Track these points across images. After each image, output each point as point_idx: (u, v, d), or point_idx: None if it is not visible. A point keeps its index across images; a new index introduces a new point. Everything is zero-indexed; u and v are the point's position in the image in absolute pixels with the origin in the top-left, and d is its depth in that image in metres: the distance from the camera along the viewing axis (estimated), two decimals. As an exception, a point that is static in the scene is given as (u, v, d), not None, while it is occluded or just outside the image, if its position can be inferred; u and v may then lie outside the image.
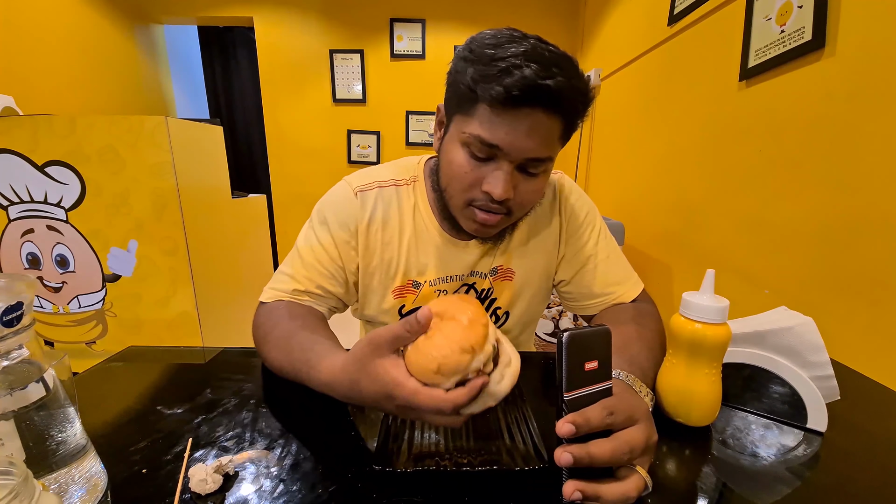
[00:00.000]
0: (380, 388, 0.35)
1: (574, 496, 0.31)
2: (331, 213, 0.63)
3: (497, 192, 0.50)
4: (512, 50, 0.45)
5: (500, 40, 0.47)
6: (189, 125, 1.42)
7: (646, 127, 1.87)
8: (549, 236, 0.67)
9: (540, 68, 0.44)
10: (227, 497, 0.34)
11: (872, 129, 0.85)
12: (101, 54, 2.60)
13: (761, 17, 1.12)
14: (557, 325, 1.95)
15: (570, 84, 0.46)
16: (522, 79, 0.44)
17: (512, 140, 0.48)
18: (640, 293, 0.65)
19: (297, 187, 3.13)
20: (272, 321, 0.56)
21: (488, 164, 0.51)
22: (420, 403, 0.33)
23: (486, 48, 0.47)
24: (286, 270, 0.62)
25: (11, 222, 1.37)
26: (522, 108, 0.46)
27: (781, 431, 0.45)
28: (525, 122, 0.47)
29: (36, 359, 0.31)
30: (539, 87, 0.44)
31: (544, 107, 0.46)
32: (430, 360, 0.33)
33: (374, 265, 0.64)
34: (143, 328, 1.47)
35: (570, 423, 0.30)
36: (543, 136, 0.48)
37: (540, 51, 0.45)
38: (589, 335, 0.32)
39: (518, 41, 0.46)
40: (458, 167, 0.53)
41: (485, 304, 0.69)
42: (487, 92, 0.46)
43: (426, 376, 0.33)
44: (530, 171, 0.52)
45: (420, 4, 2.86)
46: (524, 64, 0.44)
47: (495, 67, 0.45)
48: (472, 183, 0.52)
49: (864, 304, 0.86)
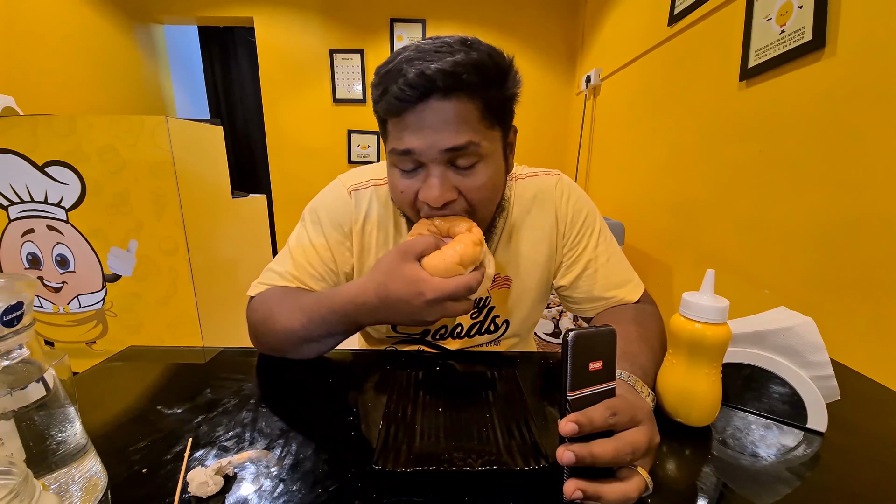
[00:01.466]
0: (410, 286, 0.43)
1: (575, 495, 0.31)
2: (324, 214, 0.62)
3: (431, 197, 0.49)
4: (396, 59, 0.46)
5: (392, 56, 0.48)
6: (189, 125, 1.42)
7: (646, 127, 1.87)
8: (546, 242, 0.65)
9: (418, 62, 0.45)
10: (227, 497, 0.34)
11: (872, 129, 0.85)
12: (101, 54, 2.60)
13: (761, 18, 1.12)
14: (557, 325, 1.95)
15: (456, 61, 0.44)
16: (404, 80, 0.45)
17: (419, 139, 0.47)
18: (642, 294, 0.65)
19: (298, 187, 3.13)
20: (271, 301, 0.57)
21: (418, 174, 0.50)
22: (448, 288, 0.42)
23: (381, 68, 0.48)
24: (275, 268, 0.62)
25: (12, 222, 1.37)
26: (416, 106, 0.46)
27: (781, 431, 0.45)
28: (424, 117, 0.46)
29: (36, 359, 0.31)
30: (418, 81, 0.44)
31: (437, 94, 0.45)
32: (454, 255, 0.44)
33: (370, 265, 0.63)
34: (143, 328, 1.47)
35: (574, 423, 0.30)
36: (452, 123, 0.46)
37: (423, 47, 0.46)
38: (594, 335, 0.31)
39: (406, 49, 0.47)
40: (394, 189, 0.54)
41: (482, 314, 0.68)
42: (384, 108, 0.48)
43: (451, 269, 0.44)
44: (460, 165, 0.49)
45: (420, 4, 2.86)
46: (405, 67, 0.45)
47: (384, 82, 0.47)
48: (413, 198, 0.52)
49: (864, 304, 0.86)
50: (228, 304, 1.66)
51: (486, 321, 0.68)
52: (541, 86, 2.97)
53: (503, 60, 0.49)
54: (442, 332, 0.68)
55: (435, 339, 0.68)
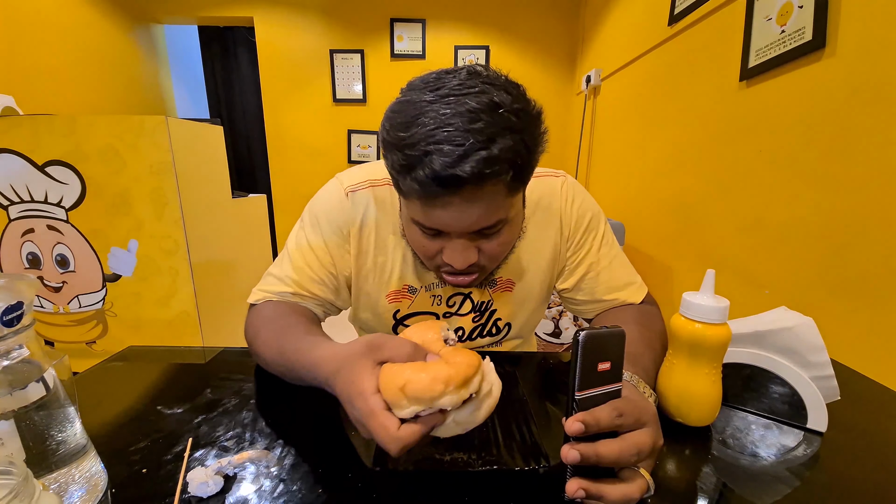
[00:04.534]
0: (349, 390, 0.34)
1: (577, 494, 0.31)
2: (323, 216, 0.61)
3: (458, 264, 0.49)
4: (421, 131, 0.41)
5: (410, 115, 0.42)
6: (189, 125, 1.42)
7: (646, 127, 1.87)
8: (549, 246, 0.64)
9: (451, 150, 0.39)
10: (227, 497, 0.34)
11: (872, 129, 0.85)
12: (101, 54, 2.60)
13: (762, 17, 1.12)
14: (558, 325, 1.95)
15: (491, 156, 0.40)
16: (432, 172, 0.40)
17: (449, 222, 0.46)
18: (645, 296, 0.64)
19: (298, 187, 3.13)
20: (261, 320, 0.56)
21: (441, 237, 0.50)
22: (369, 425, 0.31)
23: (398, 130, 0.43)
24: (275, 272, 0.61)
25: (12, 222, 1.37)
26: (444, 196, 0.43)
27: (781, 431, 0.45)
28: (456, 205, 0.44)
29: (36, 359, 0.31)
30: (450, 178, 0.40)
31: (475, 183, 0.41)
32: (399, 377, 0.31)
33: (368, 268, 0.62)
34: (143, 328, 1.47)
35: (580, 422, 0.30)
36: (482, 209, 0.45)
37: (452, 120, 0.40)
38: (605, 336, 0.31)
39: (427, 110, 0.41)
40: (416, 243, 0.53)
41: (484, 317, 0.67)
42: (408, 187, 0.43)
43: (390, 392, 0.31)
44: (487, 234, 0.49)
45: (420, 4, 2.86)
46: (434, 149, 0.40)
47: (409, 157, 0.41)
48: (434, 254, 0.52)
49: (864, 304, 0.86)
50: (228, 304, 1.66)
51: (489, 324, 0.67)
52: (541, 86, 2.96)
53: (537, 129, 0.44)
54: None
55: None
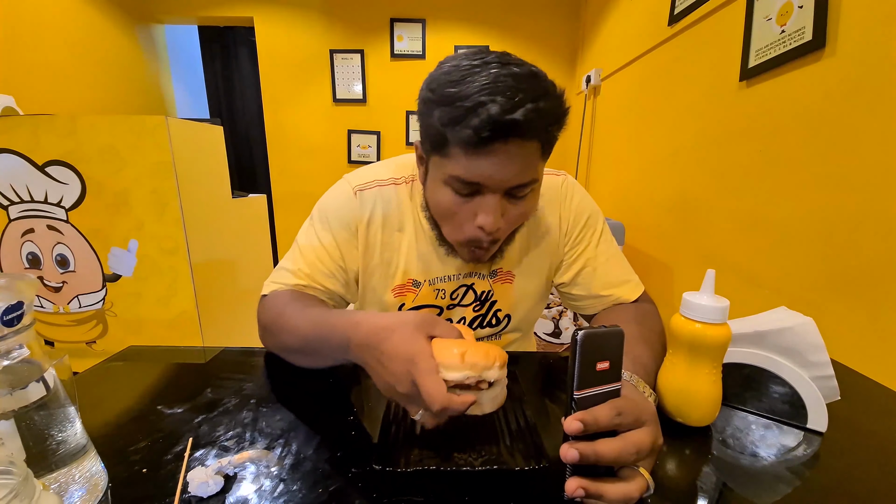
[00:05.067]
0: (410, 349, 0.36)
1: (577, 493, 0.31)
2: (332, 213, 0.63)
3: (488, 226, 0.51)
4: (474, 85, 0.44)
5: (460, 75, 0.46)
6: (189, 125, 1.42)
7: (646, 127, 1.87)
8: (549, 240, 0.67)
9: (505, 101, 0.43)
10: (227, 497, 0.34)
11: (872, 129, 0.84)
12: (101, 54, 2.60)
13: (762, 17, 1.12)
14: (557, 324, 1.95)
15: (539, 108, 0.45)
16: (489, 118, 0.43)
17: (491, 175, 0.48)
18: (641, 294, 0.65)
19: (298, 187, 3.13)
20: (282, 303, 0.57)
21: (474, 199, 0.51)
22: (424, 382, 0.34)
23: (448, 87, 0.46)
24: (287, 266, 0.62)
25: (12, 222, 1.37)
26: (495, 143, 0.46)
27: (781, 431, 0.45)
28: (501, 155, 0.47)
29: (36, 358, 0.31)
30: (507, 123, 0.44)
31: (520, 137, 0.46)
32: (459, 345, 0.37)
33: (374, 264, 0.64)
34: (143, 328, 1.47)
35: (579, 421, 0.31)
36: (522, 164, 0.49)
37: (502, 78, 0.44)
38: (604, 335, 0.31)
39: (477, 71, 0.45)
40: (445, 208, 0.54)
41: (485, 307, 0.69)
42: (457, 135, 0.46)
43: (448, 356, 0.36)
44: (517, 196, 0.52)
45: (420, 4, 2.86)
46: (489, 100, 0.43)
47: (460, 108, 0.45)
48: (463, 219, 0.53)
49: (864, 304, 0.86)
50: (228, 304, 1.66)
51: (489, 315, 0.69)
52: (541, 86, 2.96)
53: (564, 105, 0.49)
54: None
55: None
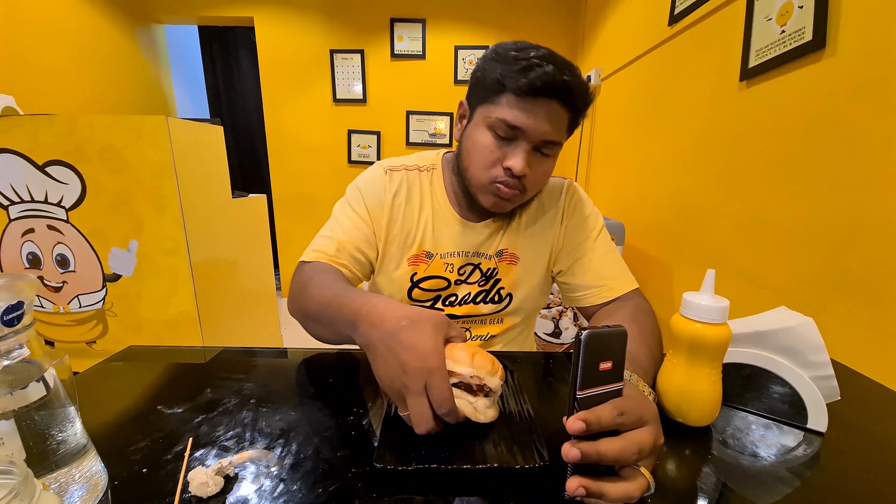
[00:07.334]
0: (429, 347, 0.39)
1: (578, 492, 0.31)
2: (365, 188, 0.72)
3: (518, 167, 0.58)
4: (533, 53, 0.56)
5: (521, 47, 0.58)
6: (189, 125, 1.42)
7: (646, 127, 1.87)
8: (551, 227, 0.74)
9: (556, 69, 0.55)
10: (227, 497, 0.34)
11: (873, 130, 0.84)
12: (101, 54, 2.60)
13: (762, 18, 1.12)
14: (557, 324, 1.95)
15: (580, 83, 0.57)
16: (544, 74, 0.54)
17: (532, 123, 0.57)
18: (634, 290, 0.68)
19: (298, 187, 3.12)
20: (316, 269, 0.63)
21: (509, 145, 0.60)
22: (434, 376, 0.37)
23: (511, 51, 0.58)
24: (326, 234, 0.69)
25: (12, 222, 1.37)
26: (542, 97, 0.56)
27: (781, 431, 0.45)
28: (543, 109, 0.57)
29: (36, 358, 0.31)
30: (557, 83, 0.55)
31: (559, 99, 0.57)
32: (471, 346, 0.42)
33: (395, 233, 0.71)
34: (143, 328, 1.47)
35: (581, 421, 0.31)
36: (556, 124, 0.58)
37: (556, 56, 0.57)
38: (607, 335, 0.31)
39: (536, 48, 0.58)
40: (482, 147, 0.61)
41: (489, 283, 0.74)
42: (514, 83, 0.56)
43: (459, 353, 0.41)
44: (544, 152, 0.61)
45: (420, 4, 2.85)
46: (546, 63, 0.55)
47: (520, 64, 0.56)
48: (495, 161, 0.61)
49: (864, 304, 0.86)
50: (228, 304, 1.66)
51: (492, 291, 0.74)
52: (541, 86, 2.96)
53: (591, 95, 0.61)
54: (452, 300, 0.74)
55: (445, 304, 0.74)
